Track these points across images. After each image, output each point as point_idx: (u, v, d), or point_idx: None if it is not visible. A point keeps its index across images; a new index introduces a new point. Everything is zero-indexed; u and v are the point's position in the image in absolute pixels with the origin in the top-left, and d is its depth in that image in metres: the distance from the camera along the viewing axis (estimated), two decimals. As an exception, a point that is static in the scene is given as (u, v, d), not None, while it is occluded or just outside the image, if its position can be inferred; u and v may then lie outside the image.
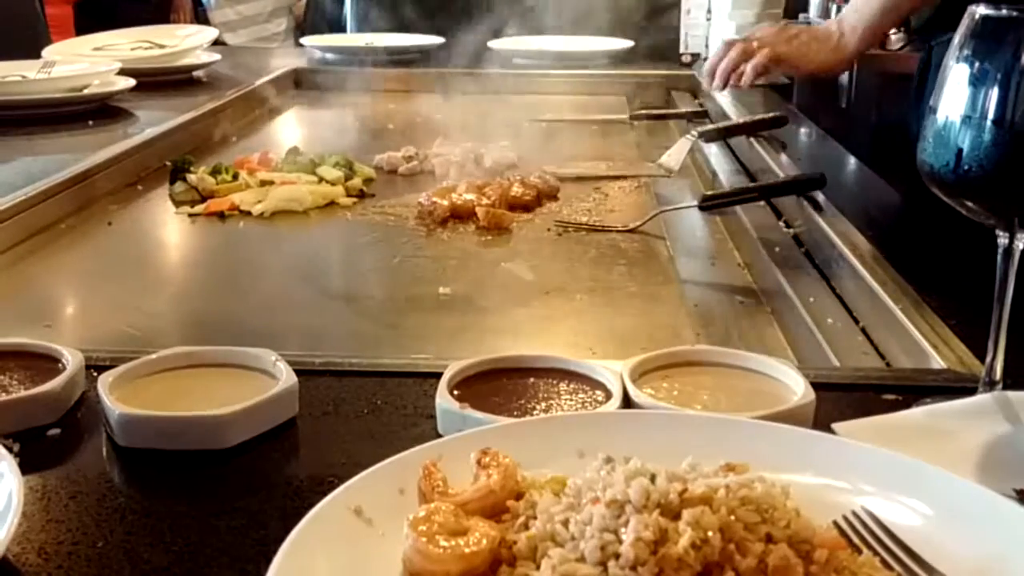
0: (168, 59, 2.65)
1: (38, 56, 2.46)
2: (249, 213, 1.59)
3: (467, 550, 0.56)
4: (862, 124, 2.74)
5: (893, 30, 2.63)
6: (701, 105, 2.42)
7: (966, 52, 0.74)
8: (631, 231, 1.49)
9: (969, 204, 0.75)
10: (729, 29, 2.44)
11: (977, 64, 0.73)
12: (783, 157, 1.72)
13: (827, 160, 1.75)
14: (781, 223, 1.46)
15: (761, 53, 1.94)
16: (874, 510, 0.60)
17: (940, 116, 0.75)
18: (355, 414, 0.82)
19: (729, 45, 2.03)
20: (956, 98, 0.74)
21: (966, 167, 0.73)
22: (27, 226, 1.46)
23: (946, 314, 0.99)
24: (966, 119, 0.73)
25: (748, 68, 1.96)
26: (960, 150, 0.73)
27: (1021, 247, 0.76)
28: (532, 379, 0.82)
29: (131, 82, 2.26)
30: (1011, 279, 0.77)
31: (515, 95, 2.47)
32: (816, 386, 0.78)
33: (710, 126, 2.01)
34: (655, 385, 0.80)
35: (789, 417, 0.72)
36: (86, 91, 2.19)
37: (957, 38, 0.75)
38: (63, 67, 2.33)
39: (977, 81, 0.73)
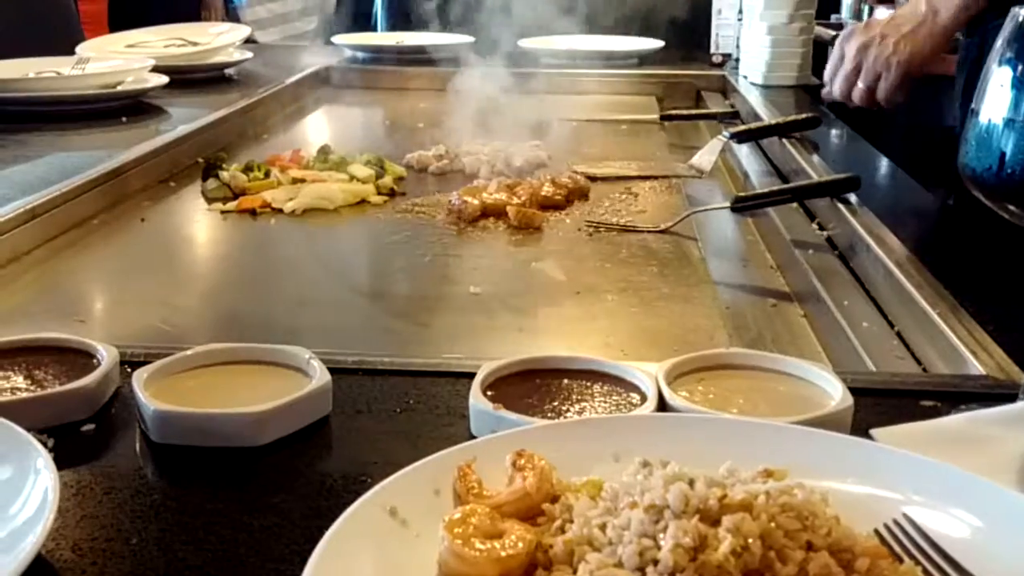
0: (201, 56, 2.67)
1: (72, 52, 2.48)
2: (281, 211, 1.60)
3: (503, 553, 0.56)
4: (894, 125, 2.71)
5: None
6: (732, 106, 2.40)
7: (1008, 55, 0.73)
8: (662, 232, 1.49)
9: (1012, 208, 0.75)
10: (760, 29, 2.42)
11: (1020, 67, 0.73)
12: (815, 158, 1.71)
13: (860, 161, 1.73)
14: (814, 225, 1.45)
15: (894, 67, 1.65)
16: (917, 519, 0.59)
17: (983, 119, 0.74)
18: (388, 413, 0.82)
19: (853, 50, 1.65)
20: (999, 101, 0.73)
21: (1009, 170, 0.72)
22: (60, 222, 1.47)
23: (984, 319, 0.97)
24: (1009, 122, 0.73)
25: (883, 93, 1.70)
26: (1003, 153, 0.72)
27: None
28: (566, 380, 0.82)
29: (164, 79, 2.27)
30: (1053, 284, 0.76)
31: (545, 94, 2.46)
32: (853, 391, 0.77)
33: (741, 127, 2.00)
34: (690, 388, 0.80)
35: (827, 422, 0.71)
36: (119, 88, 2.20)
37: (999, 41, 0.74)
38: (97, 64, 2.34)
39: (1020, 84, 0.72)
